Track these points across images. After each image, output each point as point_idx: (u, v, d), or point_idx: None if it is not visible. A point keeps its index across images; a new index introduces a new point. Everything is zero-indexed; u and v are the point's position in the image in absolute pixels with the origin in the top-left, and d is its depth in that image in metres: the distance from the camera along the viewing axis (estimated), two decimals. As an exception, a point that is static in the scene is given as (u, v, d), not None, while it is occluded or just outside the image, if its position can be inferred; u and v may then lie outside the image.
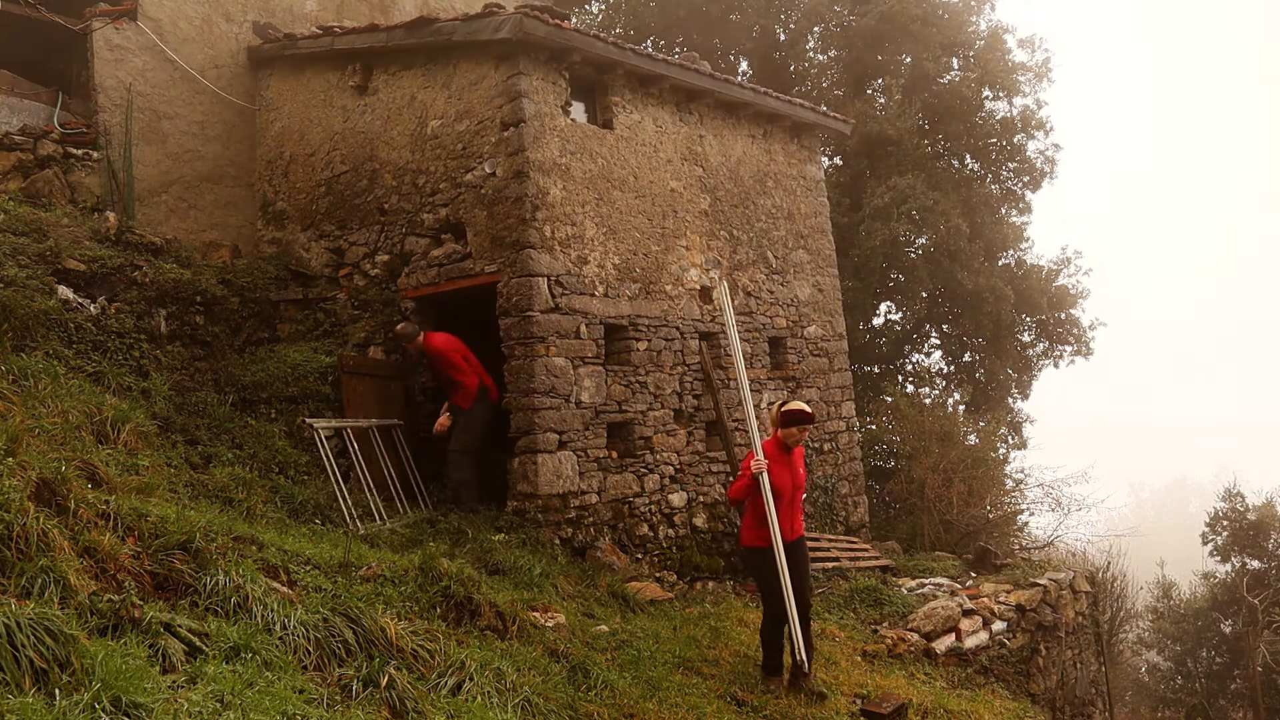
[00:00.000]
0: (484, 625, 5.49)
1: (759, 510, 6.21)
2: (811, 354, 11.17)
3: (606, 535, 8.45)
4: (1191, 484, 63.43)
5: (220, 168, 10.58)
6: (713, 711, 5.65)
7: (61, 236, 8.24)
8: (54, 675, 2.96)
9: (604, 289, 8.75)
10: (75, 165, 9.57)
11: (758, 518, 6.24)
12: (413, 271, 9.09)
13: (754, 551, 6.32)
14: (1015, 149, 17.46)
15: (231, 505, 6.26)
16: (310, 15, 11.24)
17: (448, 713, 4.19)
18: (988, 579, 9.62)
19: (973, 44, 17.59)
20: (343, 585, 5.06)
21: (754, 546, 6.29)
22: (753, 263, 10.53)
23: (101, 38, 9.72)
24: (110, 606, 3.54)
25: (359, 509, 7.66)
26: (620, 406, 8.75)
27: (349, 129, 9.78)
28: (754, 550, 6.31)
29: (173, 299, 8.50)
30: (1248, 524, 15.84)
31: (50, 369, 6.59)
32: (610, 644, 6.32)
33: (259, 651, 3.79)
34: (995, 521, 13.83)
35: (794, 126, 11.45)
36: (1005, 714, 7.21)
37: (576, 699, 5.09)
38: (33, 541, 3.54)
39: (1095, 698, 10.26)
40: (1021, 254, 17.90)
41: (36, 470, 4.10)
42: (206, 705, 3.16)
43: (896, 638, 7.82)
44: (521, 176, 8.23)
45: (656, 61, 9.36)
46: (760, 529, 6.23)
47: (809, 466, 10.82)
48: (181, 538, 4.34)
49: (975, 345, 17.81)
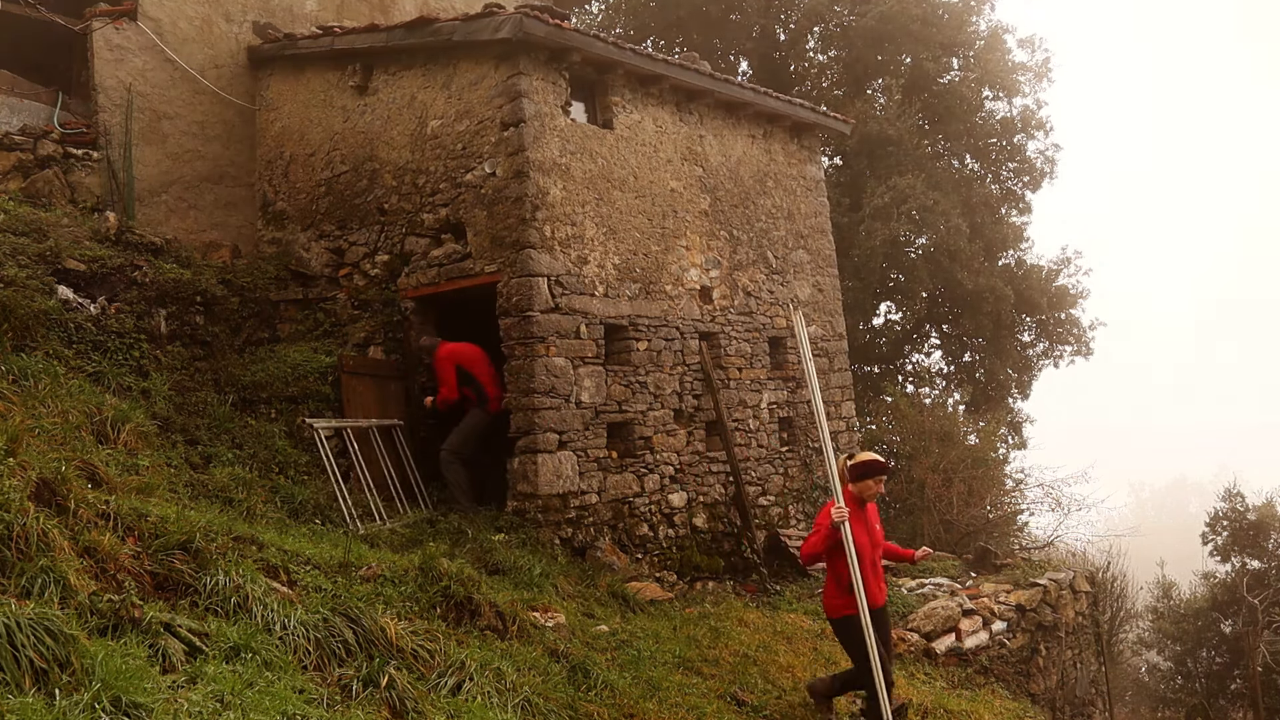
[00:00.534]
0: (484, 625, 5.49)
1: (841, 573, 5.63)
2: (812, 354, 11.16)
3: (606, 535, 8.45)
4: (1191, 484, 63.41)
5: (220, 168, 10.58)
6: (713, 711, 5.65)
7: (61, 236, 8.24)
8: (54, 675, 2.96)
9: (604, 289, 8.75)
10: (75, 165, 9.57)
11: (841, 583, 5.66)
12: (413, 271, 9.10)
13: (843, 622, 5.72)
14: (1015, 149, 17.48)
15: (231, 505, 6.26)
16: (310, 15, 11.24)
17: (448, 713, 4.19)
18: (988, 579, 9.62)
19: (973, 44, 17.60)
20: (343, 585, 5.06)
21: (845, 616, 5.68)
22: (753, 263, 10.53)
23: (101, 38, 9.72)
24: (110, 606, 3.54)
25: (359, 509, 7.66)
26: (620, 406, 8.75)
27: (349, 129, 9.78)
28: (844, 620, 5.71)
29: (173, 299, 8.49)
30: (1248, 524, 15.83)
31: (50, 369, 6.59)
32: (610, 644, 6.32)
33: (259, 651, 3.79)
34: (995, 521, 13.84)
35: (794, 126, 11.45)
36: (1005, 714, 7.22)
37: (576, 699, 5.09)
38: (33, 541, 3.54)
39: (1095, 698, 10.26)
40: (1021, 254, 17.91)
41: (36, 470, 4.10)
42: (206, 705, 3.16)
43: (896, 638, 7.82)
44: (521, 176, 8.23)
45: (656, 61, 9.37)
46: (847, 595, 5.62)
47: (809, 467, 10.83)
48: (181, 538, 4.34)
49: (975, 345, 17.82)
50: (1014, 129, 17.28)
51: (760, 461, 10.21)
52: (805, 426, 10.86)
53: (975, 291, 16.25)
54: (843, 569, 5.58)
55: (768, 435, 10.38)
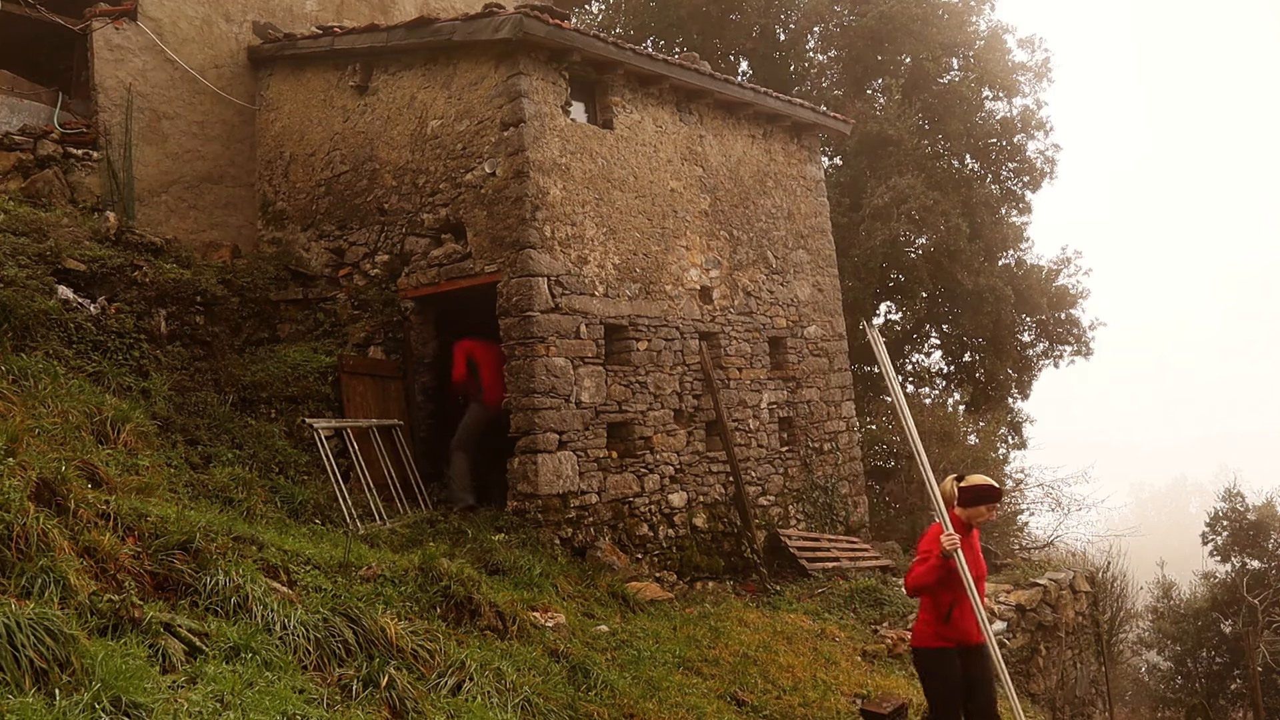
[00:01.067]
0: (484, 625, 5.49)
1: (940, 603, 4.95)
2: (811, 354, 11.17)
3: (606, 535, 8.45)
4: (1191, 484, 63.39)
5: (220, 168, 10.58)
6: (713, 711, 5.65)
7: (61, 236, 8.24)
8: (54, 675, 2.96)
9: (604, 289, 8.75)
10: (75, 165, 9.57)
11: (938, 612, 4.95)
12: (413, 271, 9.10)
13: (932, 655, 4.98)
14: (1015, 149, 17.46)
15: (231, 505, 6.26)
16: (310, 15, 11.24)
17: (448, 713, 4.19)
18: (988, 579, 9.62)
19: (972, 44, 17.59)
20: (343, 585, 5.06)
21: (934, 648, 4.97)
22: (753, 263, 10.53)
23: (101, 38, 9.72)
24: (110, 606, 3.54)
25: (359, 509, 7.66)
26: (620, 406, 8.76)
27: (349, 129, 9.78)
28: (933, 653, 4.98)
29: (173, 299, 8.49)
30: (1248, 524, 15.85)
31: (50, 369, 6.59)
32: (610, 644, 6.33)
33: (259, 651, 3.79)
34: (995, 521, 13.83)
35: (794, 126, 11.45)
36: (1005, 714, 7.21)
37: (576, 699, 5.09)
38: (33, 541, 3.54)
39: (1095, 698, 10.27)
40: (1021, 254, 17.90)
41: (36, 470, 4.10)
42: (206, 705, 3.16)
43: (897, 638, 7.82)
44: (521, 176, 8.23)
45: (656, 61, 9.37)
46: (943, 626, 4.93)
47: (809, 467, 10.83)
48: (181, 538, 4.34)
49: (975, 345, 17.81)
50: (1014, 129, 17.27)
51: (760, 461, 10.21)
52: (805, 426, 10.87)
53: (975, 291, 16.25)
54: (944, 596, 4.94)
55: (768, 435, 10.38)
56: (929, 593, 4.97)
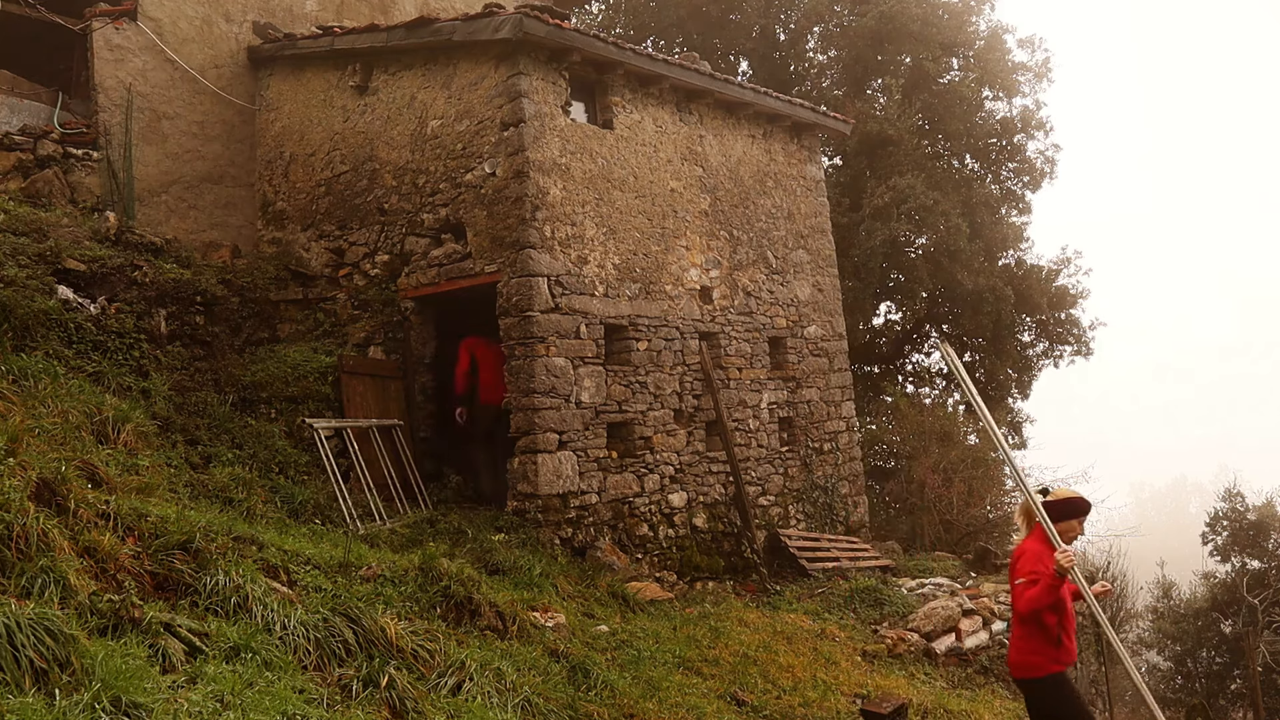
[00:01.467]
0: (484, 625, 5.49)
1: (1047, 625, 4.72)
2: (811, 354, 11.18)
3: (606, 535, 8.45)
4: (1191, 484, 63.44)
5: (220, 168, 10.58)
6: (713, 711, 5.65)
7: (61, 236, 8.24)
8: (54, 675, 2.96)
9: (604, 289, 8.75)
10: (75, 165, 9.58)
11: (1048, 635, 4.73)
12: (413, 271, 9.10)
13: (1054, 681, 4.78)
14: (1015, 149, 17.48)
15: (231, 505, 6.26)
16: (310, 15, 11.24)
17: (448, 713, 4.19)
18: (988, 579, 9.63)
19: (972, 44, 17.60)
20: (343, 585, 5.06)
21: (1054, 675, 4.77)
22: (753, 263, 10.54)
23: (101, 38, 9.72)
24: (110, 606, 3.54)
25: (359, 509, 7.66)
26: (620, 406, 8.76)
27: (349, 129, 9.78)
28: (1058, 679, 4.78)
29: (173, 299, 8.50)
30: (1248, 524, 15.84)
31: (50, 369, 6.59)
32: (610, 644, 6.32)
33: (259, 651, 3.79)
34: (995, 521, 13.85)
35: (794, 126, 11.45)
36: (1005, 714, 7.21)
37: (576, 699, 5.09)
38: (33, 541, 3.53)
39: (1095, 698, 10.26)
40: (1021, 254, 17.91)
41: (36, 470, 4.09)
42: (206, 705, 3.16)
43: (897, 638, 7.82)
44: (521, 176, 8.23)
45: (656, 61, 9.37)
46: (1057, 650, 4.75)
47: (809, 467, 10.83)
48: (181, 538, 4.34)
49: (975, 345, 17.82)
50: (1014, 129, 17.28)
51: (760, 461, 10.21)
52: (805, 426, 10.87)
53: (975, 291, 16.25)
54: (1050, 618, 4.72)
55: (768, 435, 10.38)
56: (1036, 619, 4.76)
